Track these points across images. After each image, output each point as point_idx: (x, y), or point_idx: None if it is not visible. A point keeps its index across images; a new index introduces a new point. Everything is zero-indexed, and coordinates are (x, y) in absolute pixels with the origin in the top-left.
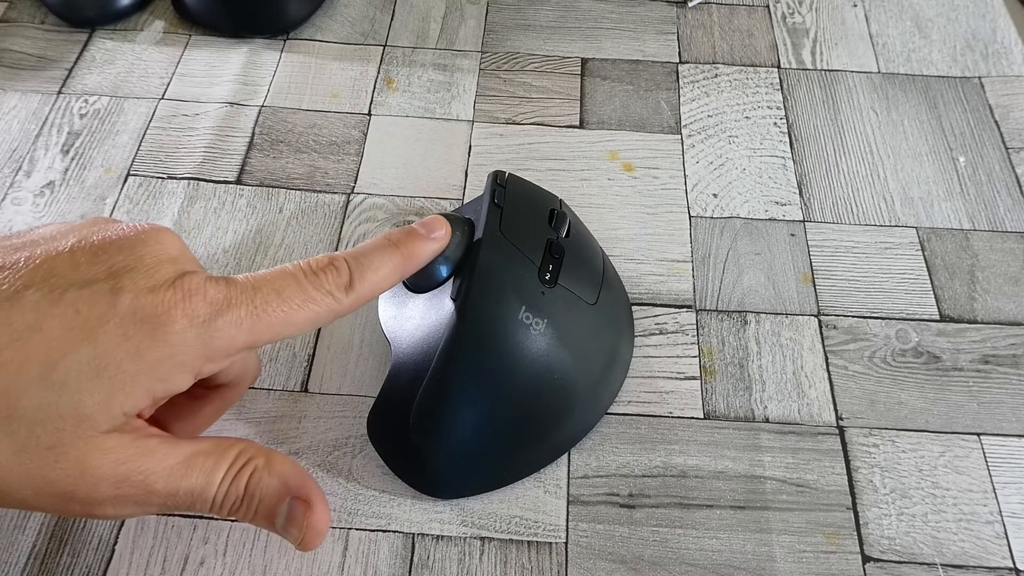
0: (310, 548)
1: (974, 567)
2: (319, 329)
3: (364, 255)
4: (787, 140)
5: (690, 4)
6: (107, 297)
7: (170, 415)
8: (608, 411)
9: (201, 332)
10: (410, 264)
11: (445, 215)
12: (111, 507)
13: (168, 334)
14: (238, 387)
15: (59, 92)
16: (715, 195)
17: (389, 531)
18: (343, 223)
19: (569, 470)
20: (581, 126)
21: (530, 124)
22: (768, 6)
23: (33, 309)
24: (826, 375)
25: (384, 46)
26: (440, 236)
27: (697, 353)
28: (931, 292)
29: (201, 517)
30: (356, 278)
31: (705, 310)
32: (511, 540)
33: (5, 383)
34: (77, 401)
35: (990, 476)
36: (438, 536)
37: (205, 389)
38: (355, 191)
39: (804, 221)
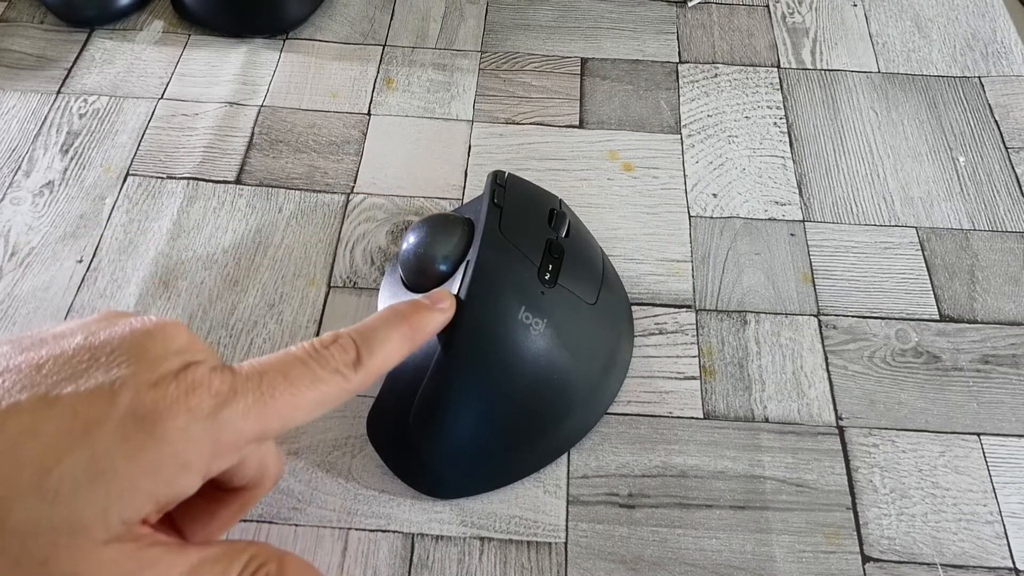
0: None
1: (974, 567)
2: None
3: (370, 330)
4: (787, 140)
5: (690, 4)
6: (106, 396)
7: (186, 516)
8: (608, 411)
9: (207, 426)
10: (418, 336)
11: (444, 215)
12: None
13: (169, 431)
14: (257, 488)
15: (58, 92)
16: (715, 195)
17: (389, 531)
18: (343, 223)
19: (569, 470)
20: (581, 126)
21: (530, 124)
22: (768, 6)
23: (29, 413)
24: (826, 375)
25: (384, 46)
26: (445, 307)
27: (697, 353)
28: (931, 292)
29: None
30: (364, 353)
31: (705, 310)
32: (511, 540)
33: None
34: (72, 511)
35: (990, 476)
36: (438, 536)
37: (222, 491)
38: (354, 191)
39: (804, 221)
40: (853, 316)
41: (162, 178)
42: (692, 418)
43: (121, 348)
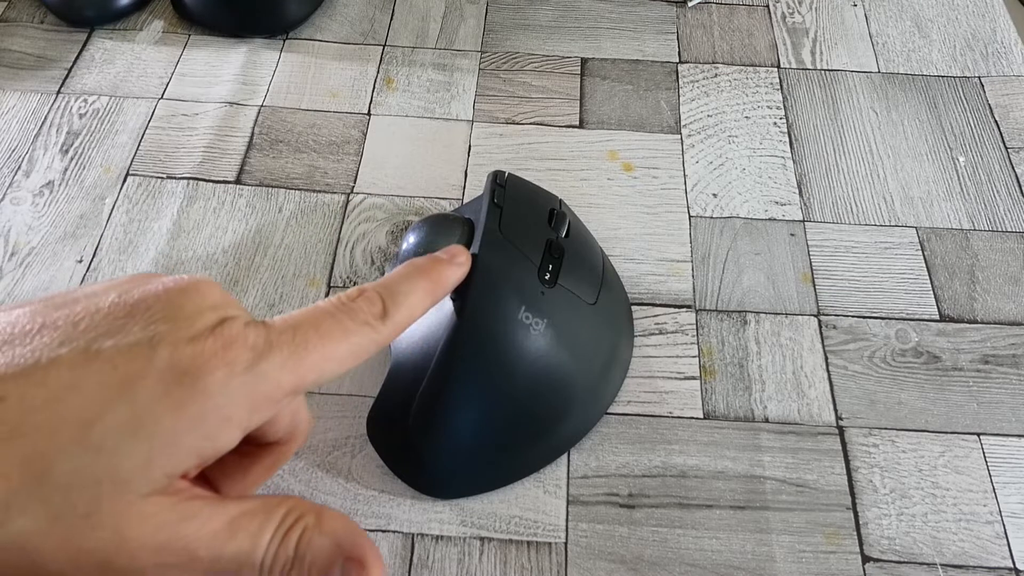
0: None
1: (974, 567)
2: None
3: (394, 283)
4: (787, 140)
5: (690, 4)
6: (145, 351)
7: (219, 472)
8: (608, 411)
9: (245, 380)
10: (439, 289)
11: (444, 215)
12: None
13: (210, 385)
14: (290, 443)
15: (58, 92)
16: (715, 195)
17: (389, 531)
18: (343, 223)
19: (569, 470)
20: (581, 126)
21: (530, 124)
22: (768, 6)
23: (69, 367)
24: (826, 375)
25: (384, 46)
26: (463, 262)
27: (697, 353)
28: (931, 292)
29: None
30: (390, 306)
31: (705, 310)
32: (511, 540)
33: (39, 447)
34: (115, 464)
35: (990, 476)
36: (438, 536)
37: (255, 447)
38: (354, 191)
39: (804, 221)
40: (853, 316)
41: (162, 178)
42: (692, 418)
43: (157, 305)
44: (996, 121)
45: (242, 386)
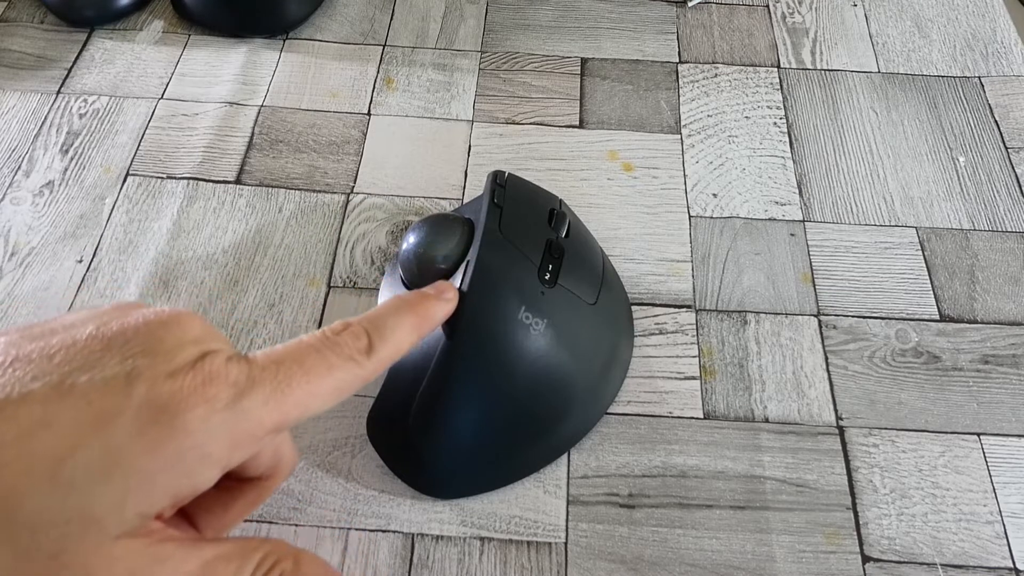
0: None
1: (974, 567)
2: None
3: (380, 318)
4: (787, 140)
5: (690, 4)
6: (122, 386)
7: (198, 508)
8: (608, 411)
9: (225, 417)
10: (425, 325)
11: (444, 215)
12: None
13: (188, 422)
14: (273, 479)
15: (58, 92)
16: (715, 195)
17: (389, 531)
18: (343, 223)
19: (569, 470)
20: (581, 126)
21: (530, 124)
22: (768, 6)
23: (41, 403)
24: (826, 375)
25: (384, 46)
26: (450, 297)
27: (697, 353)
28: (931, 292)
29: None
30: (375, 340)
31: (705, 310)
32: (511, 540)
33: (8, 484)
34: (86, 504)
35: (990, 476)
36: (438, 536)
37: (236, 482)
38: (354, 191)
39: (804, 221)
40: (853, 316)
41: (162, 178)
42: (692, 418)
43: (136, 338)
44: (996, 121)
45: (222, 424)
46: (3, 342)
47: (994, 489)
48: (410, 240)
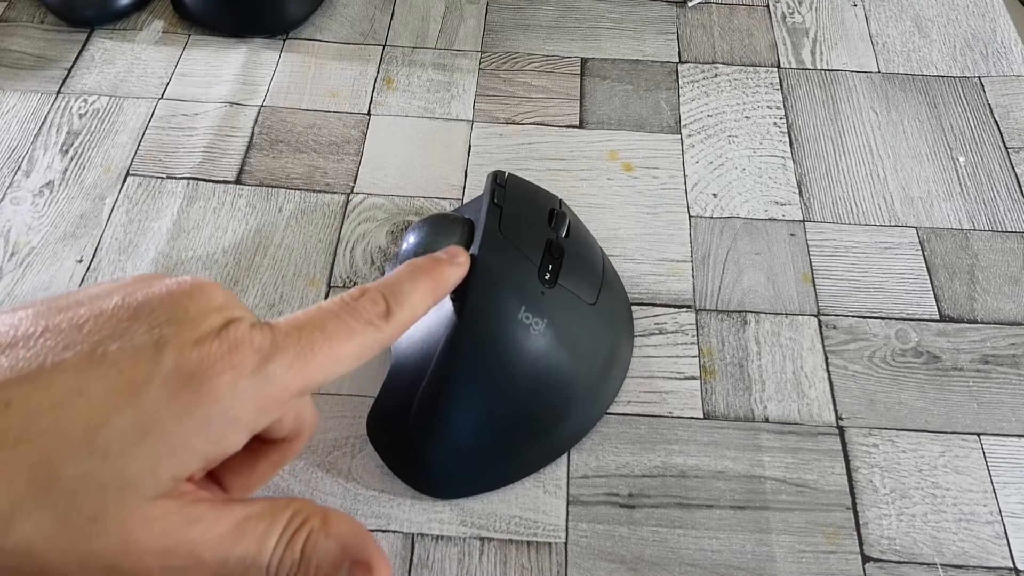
0: None
1: (974, 567)
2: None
3: (396, 283)
4: (787, 140)
5: (690, 4)
6: (151, 354)
7: (225, 470)
8: (608, 411)
9: (252, 382)
10: (440, 288)
11: (444, 215)
12: None
13: (216, 388)
14: (297, 440)
15: (58, 92)
16: (715, 195)
17: (389, 531)
18: (343, 223)
19: (569, 470)
20: (581, 126)
21: (530, 124)
22: (768, 6)
23: (74, 371)
24: (826, 375)
25: (384, 46)
26: (462, 261)
27: (697, 353)
28: (931, 292)
29: None
30: (393, 305)
31: (705, 310)
32: (511, 540)
33: (46, 452)
34: (121, 468)
35: (990, 476)
36: (438, 536)
37: (261, 443)
38: (354, 191)
39: (804, 221)
40: (853, 316)
41: (162, 178)
42: (692, 418)
43: (161, 307)
44: (996, 121)
45: (249, 389)
46: (31, 313)
47: (994, 489)
48: (410, 240)
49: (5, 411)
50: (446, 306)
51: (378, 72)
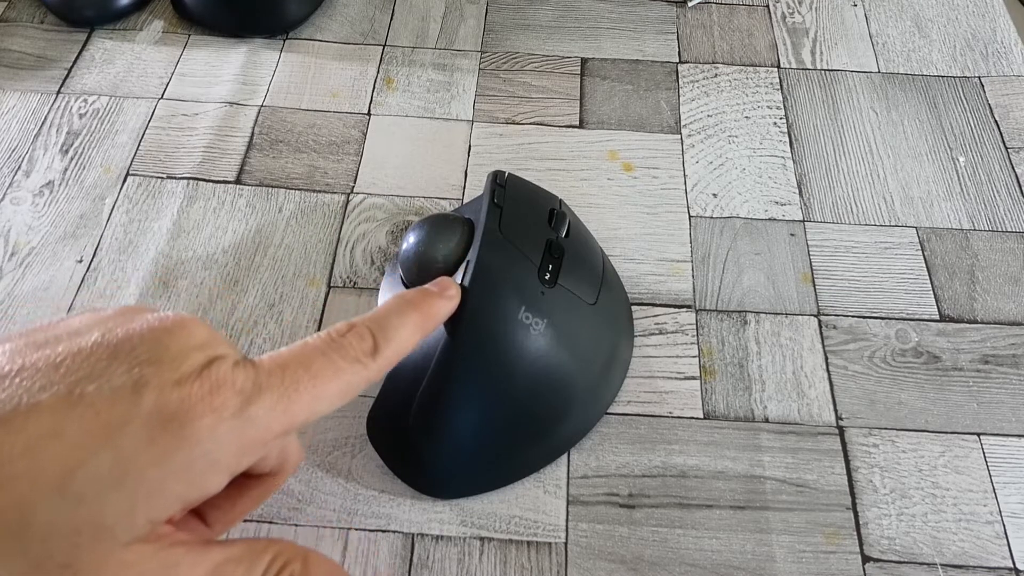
0: None
1: (974, 567)
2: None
3: (384, 318)
4: (787, 140)
5: (690, 4)
6: (129, 395)
7: (206, 504)
8: (608, 411)
9: (233, 425)
10: (429, 323)
11: (444, 215)
12: None
13: (197, 431)
14: (279, 475)
15: (58, 92)
16: (715, 195)
17: (389, 531)
18: (343, 223)
19: (569, 470)
20: (581, 126)
21: (530, 124)
22: (768, 6)
23: (50, 413)
24: (826, 375)
25: (384, 46)
26: (452, 295)
27: (697, 353)
28: (931, 292)
29: None
30: (380, 341)
31: (705, 310)
32: (511, 540)
33: (17, 497)
34: (96, 513)
35: (990, 476)
36: (438, 536)
37: (244, 478)
38: (355, 191)
39: (804, 221)
40: (853, 316)
41: (162, 178)
42: (692, 418)
43: (141, 345)
44: (996, 121)
45: (230, 431)
46: (8, 349)
47: (994, 489)
48: (410, 240)
49: None
50: None
51: (378, 72)
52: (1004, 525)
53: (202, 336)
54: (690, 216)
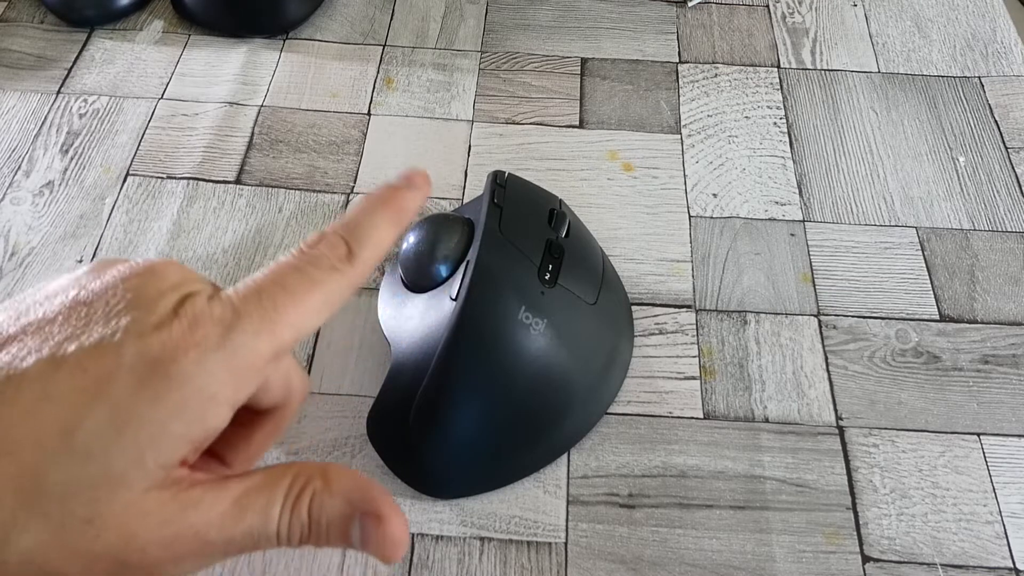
0: (394, 560)
1: (974, 567)
2: (318, 329)
3: (354, 221)
4: (787, 140)
5: (690, 4)
6: (112, 347)
7: (223, 445)
8: (608, 411)
9: (220, 356)
10: (402, 218)
11: (445, 215)
12: (171, 567)
13: (184, 369)
14: (288, 406)
15: (58, 92)
16: (715, 195)
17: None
18: None
19: (569, 470)
20: (581, 126)
21: (530, 124)
22: (768, 6)
23: (38, 379)
24: (826, 375)
25: (384, 46)
26: (420, 183)
27: (697, 353)
28: (931, 292)
29: None
30: (354, 245)
31: (705, 310)
32: (511, 540)
33: (26, 462)
34: (106, 465)
35: (990, 476)
36: (438, 536)
37: (253, 414)
38: (355, 191)
39: (804, 221)
40: (853, 316)
41: (162, 178)
42: (692, 418)
43: (115, 296)
44: (996, 121)
45: (219, 362)
46: None
47: (994, 489)
48: (410, 240)
49: None
50: (446, 306)
51: (378, 72)
52: (1004, 525)
53: (175, 276)
54: (690, 216)
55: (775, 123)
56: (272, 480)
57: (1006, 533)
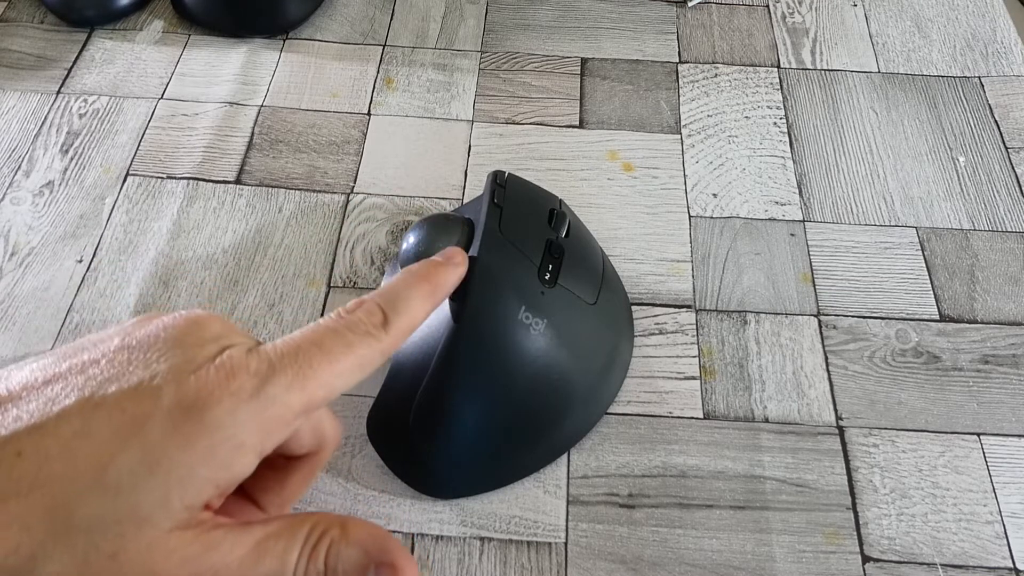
0: None
1: (974, 567)
2: None
3: (392, 292)
4: (787, 140)
5: (690, 4)
6: (150, 390)
7: (257, 489)
8: (608, 411)
9: (252, 406)
10: (438, 293)
11: (444, 215)
12: None
13: (217, 416)
14: (320, 453)
15: (58, 92)
16: (715, 195)
17: (389, 531)
18: (343, 223)
19: (569, 470)
20: (581, 126)
21: (530, 124)
22: (768, 6)
23: (78, 415)
24: (826, 375)
25: (384, 46)
26: (459, 262)
27: (697, 353)
28: (931, 292)
29: None
30: (390, 314)
31: (705, 310)
32: (511, 540)
33: (59, 495)
34: (134, 503)
35: (990, 476)
36: (438, 536)
37: (287, 460)
38: (354, 191)
39: (804, 221)
40: (853, 316)
41: (162, 178)
42: (692, 418)
43: (157, 344)
44: (996, 121)
45: (250, 413)
46: (42, 364)
47: (994, 489)
48: (410, 240)
49: (17, 460)
50: (446, 306)
51: (378, 72)
52: (1004, 525)
53: (216, 328)
54: (690, 216)
55: (775, 123)
56: (292, 527)
57: (1006, 533)
